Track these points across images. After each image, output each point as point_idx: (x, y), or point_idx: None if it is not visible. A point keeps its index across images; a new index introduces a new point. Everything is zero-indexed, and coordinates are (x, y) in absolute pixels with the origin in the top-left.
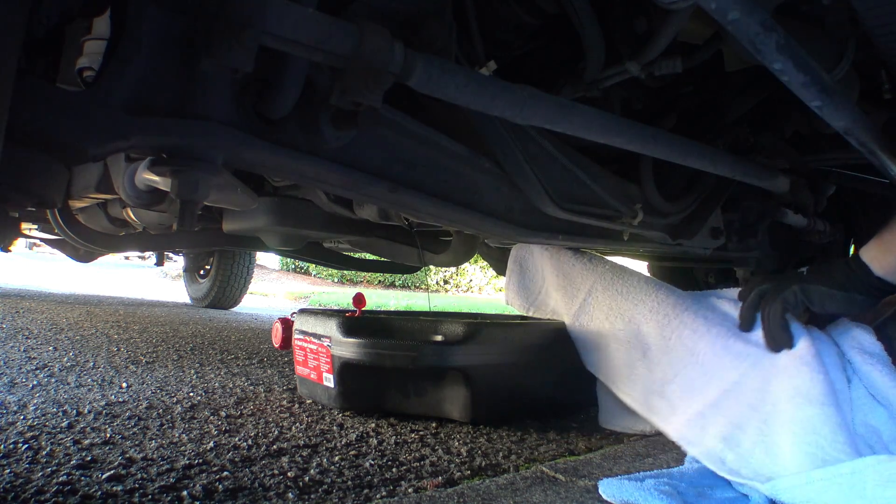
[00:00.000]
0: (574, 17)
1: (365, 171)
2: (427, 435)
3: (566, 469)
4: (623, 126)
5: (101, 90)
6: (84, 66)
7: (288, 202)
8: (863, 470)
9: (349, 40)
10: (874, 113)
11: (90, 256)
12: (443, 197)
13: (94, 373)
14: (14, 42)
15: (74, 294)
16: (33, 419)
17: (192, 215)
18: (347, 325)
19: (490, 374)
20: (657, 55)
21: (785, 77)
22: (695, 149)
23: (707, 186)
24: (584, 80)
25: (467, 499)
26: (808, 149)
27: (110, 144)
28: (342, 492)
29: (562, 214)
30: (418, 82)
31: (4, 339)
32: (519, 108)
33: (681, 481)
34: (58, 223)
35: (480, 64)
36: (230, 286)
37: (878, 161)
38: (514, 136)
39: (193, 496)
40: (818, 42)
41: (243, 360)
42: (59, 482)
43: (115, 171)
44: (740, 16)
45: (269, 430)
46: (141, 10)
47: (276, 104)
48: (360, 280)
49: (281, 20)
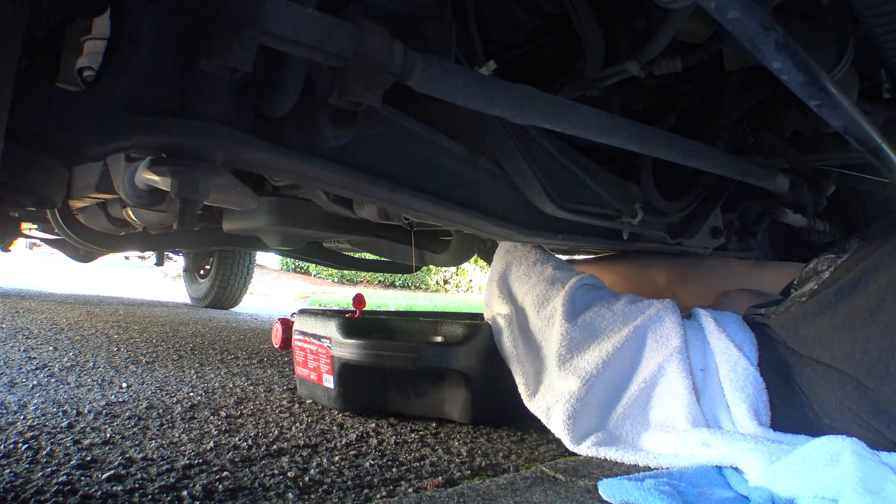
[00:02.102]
0: (574, 17)
1: (365, 171)
2: (427, 435)
3: (566, 469)
4: (622, 126)
5: (101, 90)
6: (84, 66)
7: (288, 202)
8: (811, 455)
9: (349, 40)
10: (873, 112)
11: (90, 256)
12: (443, 196)
13: (94, 373)
14: (14, 42)
15: (74, 294)
16: (33, 419)
17: (192, 215)
18: (347, 326)
19: (490, 375)
20: (657, 55)
21: (784, 76)
22: (694, 148)
23: (707, 186)
24: (584, 80)
25: (467, 499)
26: (807, 148)
27: (110, 144)
28: (342, 492)
29: (561, 214)
30: (418, 82)
31: (4, 339)
32: (519, 107)
33: (681, 481)
34: (58, 223)
35: (480, 63)
36: (230, 286)
37: (878, 160)
38: (513, 135)
39: (193, 496)
40: (818, 41)
41: (243, 360)
42: (59, 482)
43: (115, 170)
44: (740, 15)
45: (269, 430)
46: (141, 10)
47: (276, 104)
48: (360, 280)
49: (280, 20)
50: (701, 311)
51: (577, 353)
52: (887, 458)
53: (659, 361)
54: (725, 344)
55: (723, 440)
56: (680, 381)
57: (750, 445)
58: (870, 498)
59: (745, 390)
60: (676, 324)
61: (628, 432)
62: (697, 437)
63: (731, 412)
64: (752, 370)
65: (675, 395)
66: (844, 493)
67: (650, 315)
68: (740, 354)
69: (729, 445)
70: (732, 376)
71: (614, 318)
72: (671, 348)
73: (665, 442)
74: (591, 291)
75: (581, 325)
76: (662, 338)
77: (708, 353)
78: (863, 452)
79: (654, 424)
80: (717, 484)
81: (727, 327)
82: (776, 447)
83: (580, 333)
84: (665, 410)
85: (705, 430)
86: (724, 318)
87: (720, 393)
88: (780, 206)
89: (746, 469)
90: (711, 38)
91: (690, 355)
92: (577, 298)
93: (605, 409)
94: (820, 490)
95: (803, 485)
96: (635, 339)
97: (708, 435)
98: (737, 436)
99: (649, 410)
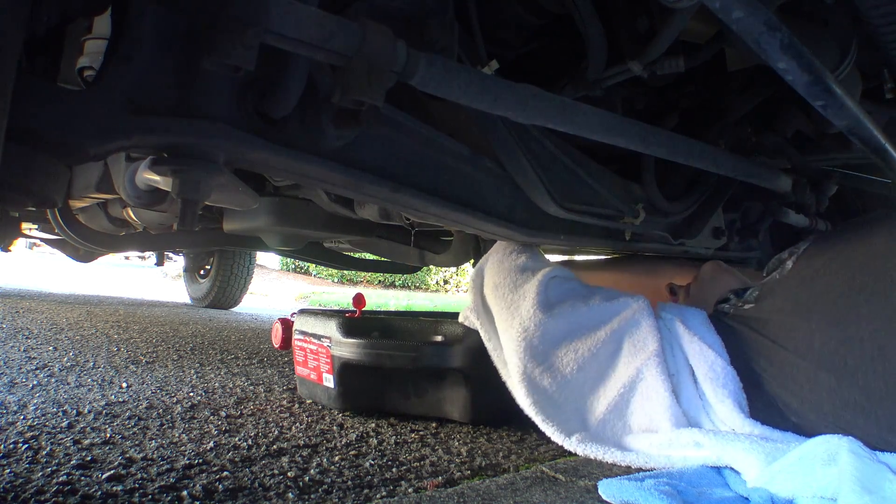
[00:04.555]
0: (576, 16)
1: (367, 171)
2: (427, 435)
3: (566, 469)
4: (625, 125)
5: (101, 89)
6: (85, 66)
7: (289, 202)
8: (808, 455)
9: (352, 39)
10: (876, 112)
11: (90, 256)
12: (444, 196)
13: (94, 373)
14: (14, 42)
15: (74, 294)
16: (33, 419)
17: (192, 215)
18: (347, 326)
19: (490, 375)
20: (660, 54)
21: (789, 76)
22: (697, 148)
23: (709, 186)
24: (587, 80)
25: (467, 499)
26: (810, 148)
27: (111, 144)
28: (342, 492)
29: (564, 214)
30: (421, 81)
31: (4, 339)
32: (521, 107)
33: (680, 481)
34: (58, 223)
35: (483, 63)
36: (230, 286)
37: (881, 160)
38: (515, 135)
39: (193, 496)
40: (821, 41)
41: (243, 360)
42: (59, 482)
43: (115, 170)
44: (745, 15)
45: (269, 430)
46: (142, 9)
47: (278, 103)
48: (360, 280)
49: (283, 18)
50: (668, 314)
51: (553, 349)
52: (884, 457)
53: (637, 366)
54: (699, 346)
55: (716, 441)
56: (660, 385)
57: (745, 446)
58: (868, 497)
59: (726, 386)
60: (652, 327)
61: (609, 438)
62: (688, 438)
63: (715, 409)
64: (729, 368)
65: (655, 399)
66: (843, 493)
67: (626, 317)
68: (716, 354)
69: (723, 446)
70: (712, 375)
71: (590, 315)
72: (648, 352)
73: (654, 443)
74: (563, 283)
75: (556, 316)
76: (639, 342)
77: (678, 356)
78: (860, 451)
79: (635, 430)
80: (716, 484)
81: (696, 329)
82: (771, 446)
83: (555, 325)
84: (647, 415)
85: (696, 431)
86: (690, 318)
87: (695, 394)
88: (783, 207)
89: (742, 469)
90: (714, 37)
91: (666, 360)
92: (551, 288)
93: (584, 413)
94: (818, 490)
95: (802, 484)
96: (611, 342)
97: (700, 435)
98: (730, 436)
99: (629, 416)
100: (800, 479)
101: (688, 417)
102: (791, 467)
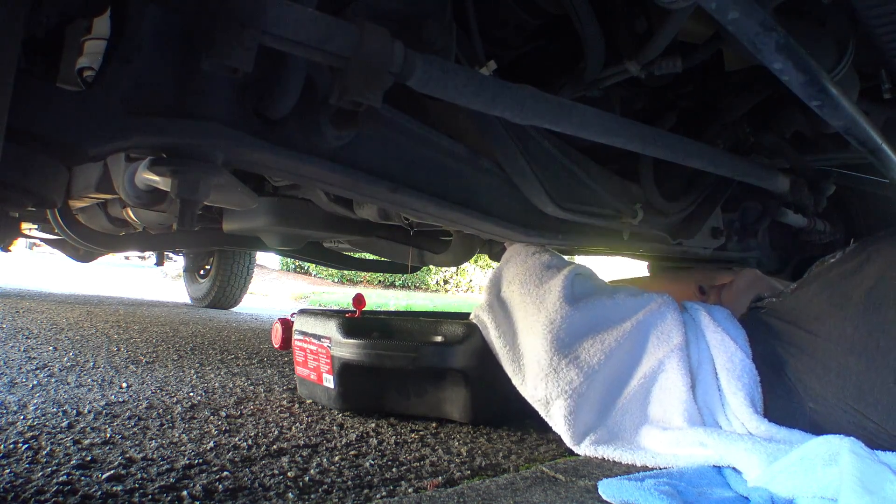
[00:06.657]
0: (574, 17)
1: (365, 171)
2: (427, 435)
3: (566, 469)
4: (623, 126)
5: (101, 90)
6: (84, 66)
7: (288, 202)
8: (809, 455)
9: (349, 40)
10: (874, 113)
11: (90, 256)
12: (443, 197)
13: (94, 373)
14: (14, 42)
15: (74, 294)
16: (33, 419)
17: (192, 215)
18: (347, 326)
19: (490, 375)
20: (657, 55)
21: (785, 77)
22: (695, 148)
23: (707, 186)
24: (585, 80)
25: (467, 499)
26: (808, 148)
27: (110, 144)
28: (342, 492)
29: (562, 214)
30: (418, 82)
31: (4, 339)
32: (519, 107)
33: (680, 481)
34: (58, 223)
35: (480, 64)
36: (230, 286)
37: (878, 160)
38: (513, 135)
39: (193, 496)
40: (818, 41)
41: (243, 360)
42: (59, 482)
43: (115, 170)
44: (740, 16)
45: (269, 430)
46: (141, 10)
47: (277, 104)
48: (360, 280)
49: (281, 20)
50: (695, 306)
51: (578, 341)
52: (885, 458)
53: (659, 357)
54: (721, 336)
55: (719, 440)
56: (679, 378)
57: (747, 446)
58: (868, 497)
59: (741, 379)
60: (678, 320)
61: (626, 428)
62: (694, 437)
63: (727, 401)
64: (747, 361)
65: (673, 391)
66: (843, 493)
67: (651, 310)
68: (736, 346)
69: (726, 446)
70: (730, 366)
71: (616, 309)
72: (672, 345)
73: (663, 441)
74: (587, 280)
75: (582, 309)
76: (664, 334)
77: (703, 347)
78: (861, 452)
79: (651, 420)
80: (716, 484)
81: (721, 322)
82: (773, 447)
83: (581, 318)
84: (662, 407)
85: (701, 430)
86: (716, 312)
87: (713, 385)
88: (781, 207)
89: (744, 469)
90: (711, 38)
91: (689, 352)
92: (576, 285)
93: (605, 404)
94: (819, 490)
95: (802, 485)
96: (637, 334)
97: (704, 435)
98: (733, 436)
99: (647, 405)
100: (800, 479)
101: (703, 409)
102: (792, 467)
